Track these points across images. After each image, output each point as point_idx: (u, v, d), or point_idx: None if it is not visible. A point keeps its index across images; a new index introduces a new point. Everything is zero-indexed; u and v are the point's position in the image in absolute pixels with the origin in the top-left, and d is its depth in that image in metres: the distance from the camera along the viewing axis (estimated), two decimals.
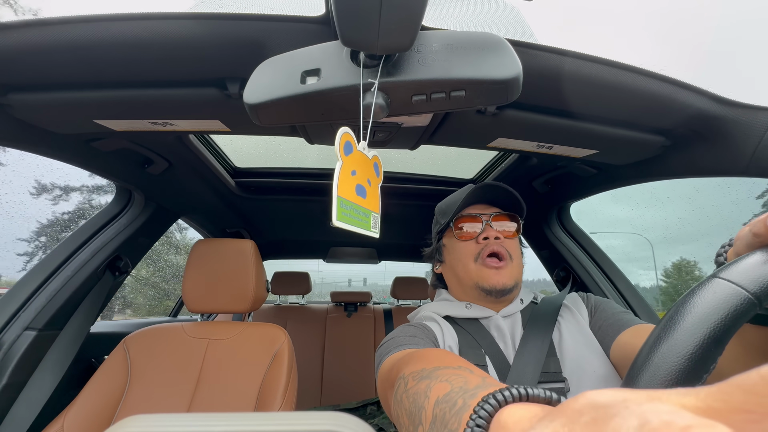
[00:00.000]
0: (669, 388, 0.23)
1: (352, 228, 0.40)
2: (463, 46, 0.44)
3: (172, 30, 0.55)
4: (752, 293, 0.26)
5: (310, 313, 2.34)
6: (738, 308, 0.25)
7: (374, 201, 0.46)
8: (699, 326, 0.25)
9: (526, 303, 0.75)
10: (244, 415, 0.17)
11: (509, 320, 0.72)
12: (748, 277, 0.26)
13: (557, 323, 0.70)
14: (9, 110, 0.70)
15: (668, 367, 0.24)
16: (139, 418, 0.17)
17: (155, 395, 0.96)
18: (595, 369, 0.61)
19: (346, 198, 0.41)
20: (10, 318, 0.91)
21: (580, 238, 1.34)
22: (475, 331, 0.70)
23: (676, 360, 0.24)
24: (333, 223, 0.37)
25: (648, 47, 31.93)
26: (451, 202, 0.79)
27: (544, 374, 0.62)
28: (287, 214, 1.77)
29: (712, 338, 0.25)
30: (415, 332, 0.69)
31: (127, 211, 1.19)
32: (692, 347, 0.24)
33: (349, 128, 0.42)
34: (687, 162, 0.81)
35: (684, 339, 0.25)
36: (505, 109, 0.72)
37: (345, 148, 0.42)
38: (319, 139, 0.87)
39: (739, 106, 0.66)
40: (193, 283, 1.10)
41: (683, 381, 0.24)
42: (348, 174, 0.42)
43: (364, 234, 0.42)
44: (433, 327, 0.71)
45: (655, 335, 0.26)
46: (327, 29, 0.55)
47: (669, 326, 0.26)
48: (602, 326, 0.66)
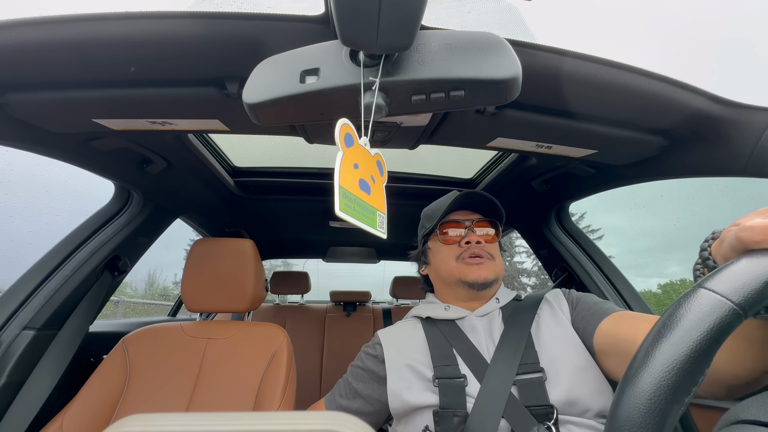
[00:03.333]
0: (658, 401, 0.24)
1: (355, 221, 0.39)
2: (463, 46, 0.44)
3: (171, 29, 0.55)
4: (737, 304, 0.26)
5: (309, 312, 2.34)
6: (723, 320, 0.25)
7: (379, 199, 0.45)
8: (684, 341, 0.25)
9: (504, 302, 0.79)
10: (243, 415, 0.17)
11: (485, 319, 0.76)
12: (732, 287, 0.26)
13: (536, 317, 0.73)
14: (7, 109, 0.70)
15: (656, 382, 0.24)
16: (137, 418, 0.17)
17: (154, 395, 0.96)
18: (571, 359, 0.64)
19: (348, 189, 0.40)
20: (9, 317, 0.91)
21: (579, 238, 1.34)
22: (449, 332, 0.75)
23: (665, 375, 0.25)
24: (336, 213, 0.37)
25: (648, 47, 31.26)
26: (437, 207, 0.85)
27: (523, 365, 0.64)
28: (286, 214, 1.77)
29: (698, 352, 0.25)
30: (362, 376, 0.76)
31: (126, 211, 1.19)
32: (679, 362, 0.25)
33: (348, 120, 0.42)
34: (685, 162, 0.81)
35: (670, 355, 0.25)
36: (505, 109, 0.73)
37: (346, 140, 0.41)
38: (319, 138, 0.87)
39: (738, 106, 0.66)
40: (192, 282, 1.10)
41: (672, 394, 0.24)
42: (350, 166, 0.41)
43: (368, 231, 0.41)
44: (391, 344, 0.76)
45: (644, 350, 0.27)
46: (326, 29, 0.55)
47: (656, 341, 0.26)
48: (584, 317, 0.69)
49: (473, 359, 0.68)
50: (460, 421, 0.61)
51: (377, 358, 0.76)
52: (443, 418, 0.62)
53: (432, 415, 0.63)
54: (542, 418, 0.59)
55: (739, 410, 0.27)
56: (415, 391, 0.66)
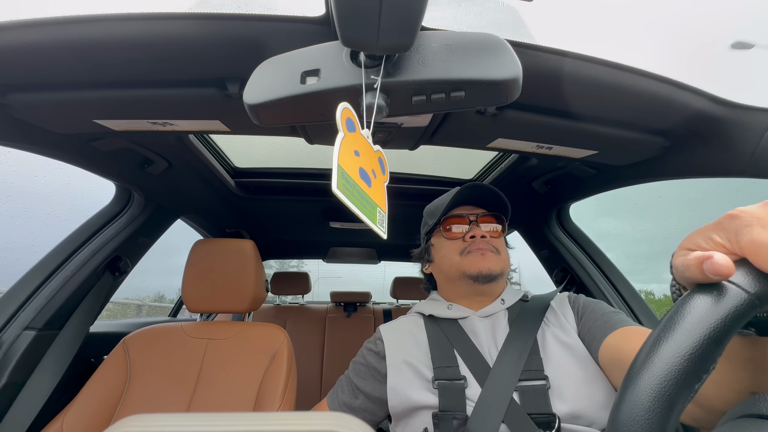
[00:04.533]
0: (668, 388, 0.24)
1: (351, 206, 0.38)
2: (463, 47, 0.44)
3: (172, 30, 0.55)
4: (754, 294, 0.25)
5: (310, 313, 2.34)
6: (738, 308, 0.25)
7: (380, 195, 0.45)
8: (698, 327, 0.25)
9: (510, 303, 0.76)
10: (244, 415, 0.17)
11: (488, 321, 0.74)
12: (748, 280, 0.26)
13: (543, 324, 0.71)
14: (8, 110, 0.70)
15: (667, 367, 0.24)
16: (138, 418, 0.17)
17: (154, 395, 0.96)
18: (575, 371, 0.62)
19: (347, 172, 0.39)
20: (10, 317, 0.91)
21: (580, 239, 1.34)
22: (451, 332, 0.73)
23: (676, 360, 0.24)
24: (333, 190, 0.36)
25: (650, 47, 31.88)
26: (440, 203, 0.82)
27: (526, 371, 0.63)
28: (287, 214, 1.77)
29: (711, 338, 0.24)
30: (364, 373, 0.75)
31: (127, 211, 1.19)
32: (691, 348, 0.24)
33: (349, 104, 0.41)
34: (686, 162, 0.81)
35: (683, 339, 0.25)
36: (505, 110, 0.73)
37: (347, 125, 0.40)
38: (319, 139, 0.87)
39: (738, 107, 0.66)
40: (192, 283, 1.10)
41: (682, 381, 0.24)
42: (350, 151, 0.40)
43: (367, 223, 0.40)
44: (392, 340, 0.76)
45: (655, 335, 0.26)
46: (327, 29, 0.55)
47: (668, 326, 0.26)
48: (590, 329, 0.66)
49: (474, 361, 0.67)
50: (459, 424, 0.60)
51: (378, 354, 0.75)
52: (442, 420, 0.61)
53: (431, 417, 0.63)
54: (544, 426, 0.57)
55: (745, 405, 0.26)
56: (415, 389, 0.66)
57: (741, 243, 0.26)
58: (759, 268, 0.26)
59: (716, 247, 0.28)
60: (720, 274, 0.25)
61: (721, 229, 0.28)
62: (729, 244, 0.27)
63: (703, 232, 0.29)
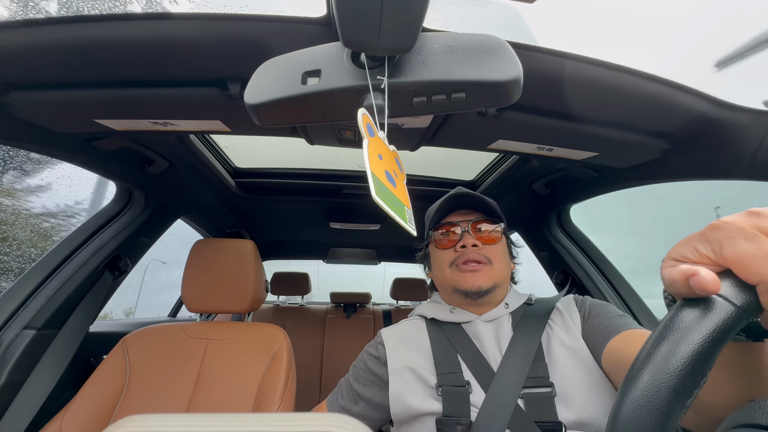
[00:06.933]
0: (660, 403, 0.24)
1: (389, 210, 0.37)
2: (464, 48, 0.44)
3: (173, 30, 0.55)
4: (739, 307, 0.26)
5: (310, 313, 2.34)
6: (726, 322, 0.25)
7: (404, 193, 0.44)
8: (686, 344, 0.25)
9: (513, 307, 0.74)
10: (243, 416, 0.17)
11: (492, 325, 0.72)
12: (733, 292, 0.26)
13: (548, 327, 0.69)
14: (10, 109, 0.70)
15: (658, 383, 0.25)
16: (137, 418, 0.17)
17: (154, 395, 0.96)
18: (581, 377, 0.61)
19: (378, 177, 0.38)
20: (9, 317, 0.91)
21: (580, 241, 1.34)
22: (454, 336, 0.71)
23: (665, 378, 0.25)
24: (373, 197, 0.35)
25: (654, 50, 31.51)
26: (435, 208, 0.80)
27: (531, 378, 0.62)
28: (287, 215, 1.77)
29: (700, 354, 0.25)
30: (364, 378, 0.74)
31: (127, 211, 1.19)
32: (681, 365, 0.25)
33: (367, 110, 0.41)
34: (687, 165, 0.81)
35: (672, 359, 0.25)
36: (506, 111, 0.72)
37: (368, 130, 0.40)
38: (320, 139, 0.87)
39: (739, 109, 0.66)
40: (192, 283, 1.10)
41: (674, 398, 0.24)
42: (375, 155, 0.40)
43: (400, 224, 0.40)
44: (394, 345, 0.74)
45: (645, 352, 0.27)
46: (328, 30, 0.56)
47: (658, 342, 0.26)
48: (595, 332, 0.65)
49: (478, 366, 0.66)
50: (463, 430, 0.59)
51: (379, 359, 0.74)
52: (446, 426, 0.60)
53: (435, 423, 0.62)
54: None
55: (741, 414, 0.26)
56: (417, 396, 0.65)
57: (725, 255, 0.27)
58: (743, 279, 0.26)
59: (701, 258, 0.28)
60: (706, 290, 0.26)
61: (705, 240, 0.28)
62: (713, 255, 0.27)
63: (689, 243, 0.29)
